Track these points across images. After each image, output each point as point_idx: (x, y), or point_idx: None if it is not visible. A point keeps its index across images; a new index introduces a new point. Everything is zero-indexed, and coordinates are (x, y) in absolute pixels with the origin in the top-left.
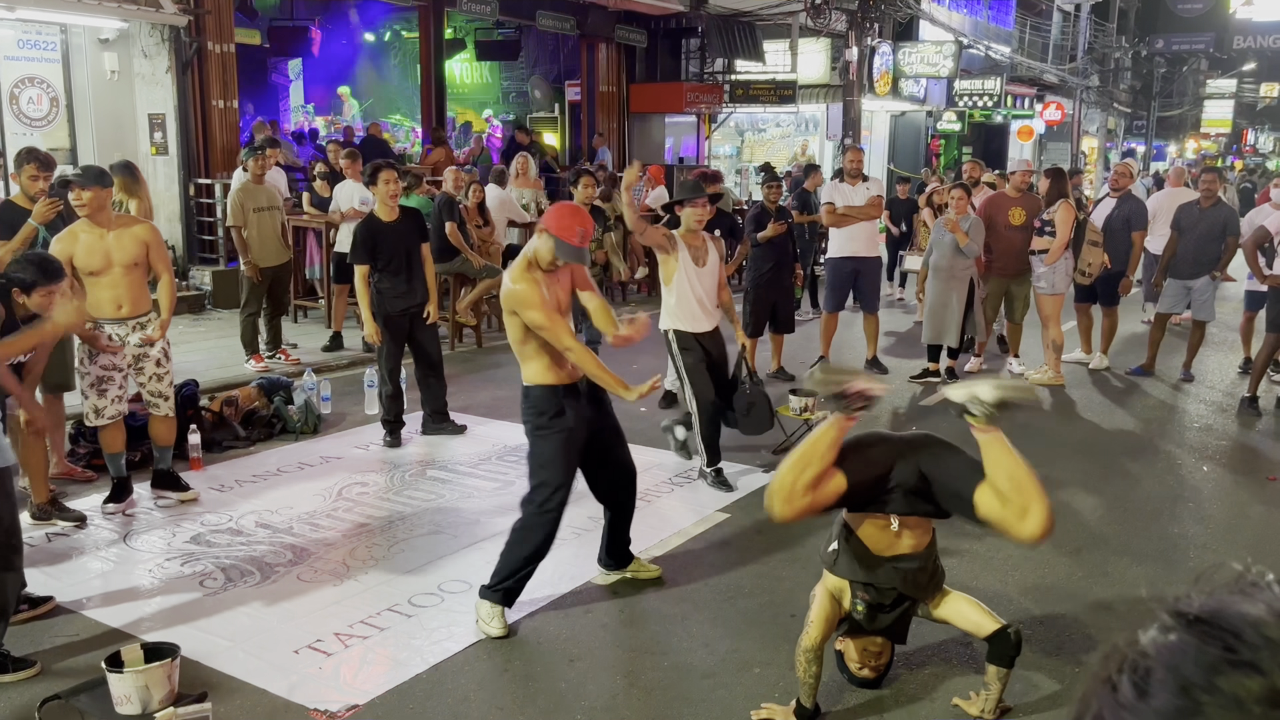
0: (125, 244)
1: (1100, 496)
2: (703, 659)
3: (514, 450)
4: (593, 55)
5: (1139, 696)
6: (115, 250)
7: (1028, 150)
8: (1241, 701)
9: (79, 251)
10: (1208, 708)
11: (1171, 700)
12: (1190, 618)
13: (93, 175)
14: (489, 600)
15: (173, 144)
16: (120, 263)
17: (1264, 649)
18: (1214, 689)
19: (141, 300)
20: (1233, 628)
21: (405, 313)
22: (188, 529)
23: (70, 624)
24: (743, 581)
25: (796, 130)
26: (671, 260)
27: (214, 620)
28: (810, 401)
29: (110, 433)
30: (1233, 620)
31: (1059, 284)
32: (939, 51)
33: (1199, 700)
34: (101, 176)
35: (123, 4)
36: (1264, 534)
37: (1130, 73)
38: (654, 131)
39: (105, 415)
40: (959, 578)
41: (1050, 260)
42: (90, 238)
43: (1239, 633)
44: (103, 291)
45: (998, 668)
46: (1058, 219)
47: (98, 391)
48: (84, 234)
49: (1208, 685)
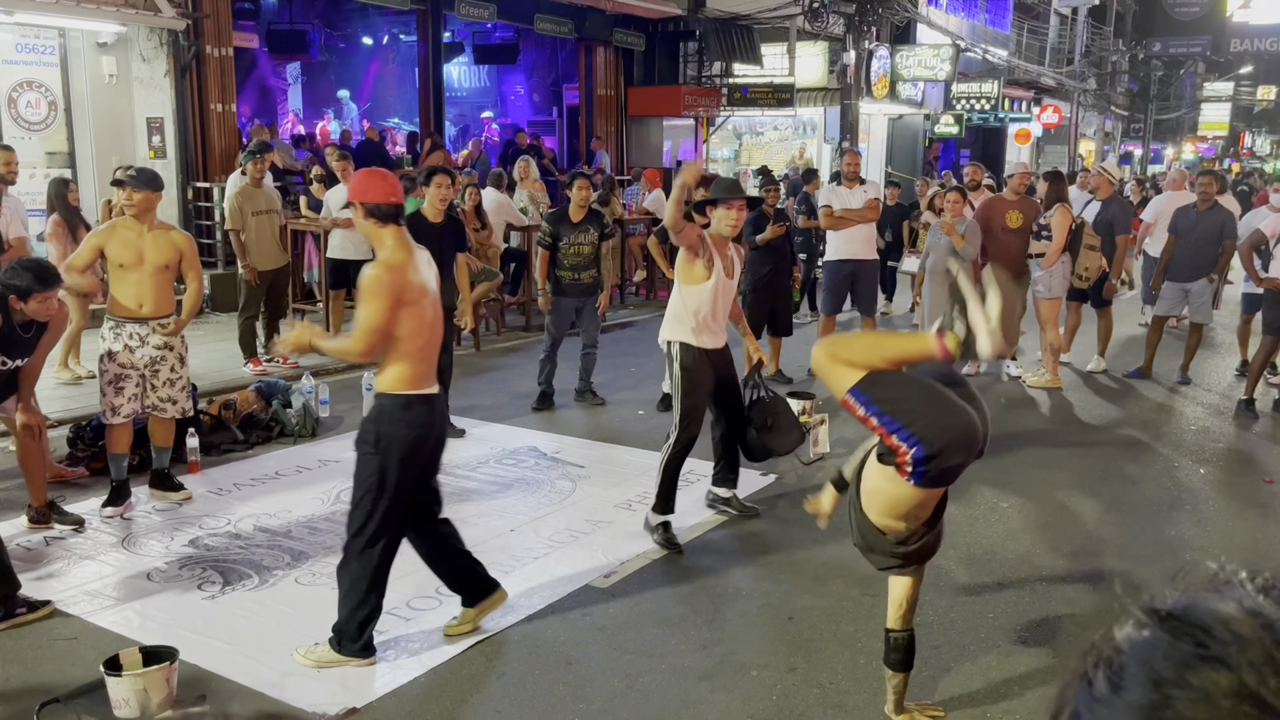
0: (161, 246)
1: (1097, 499)
2: (700, 661)
3: (512, 453)
4: (591, 58)
5: (1112, 691)
6: (149, 249)
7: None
8: (1211, 696)
9: (114, 243)
10: (1178, 702)
11: (1143, 694)
12: (1163, 614)
13: (146, 179)
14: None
15: (171, 148)
16: (152, 262)
17: (1233, 645)
18: (1184, 684)
19: (165, 303)
20: (1203, 624)
21: None
22: (186, 533)
23: (68, 627)
24: (740, 584)
25: (795, 133)
26: (700, 265)
27: (212, 624)
28: (808, 405)
29: (119, 432)
30: (1204, 617)
31: (1056, 288)
32: (936, 55)
33: (1170, 694)
34: (154, 181)
35: (121, 8)
36: (1261, 536)
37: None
38: (652, 135)
39: (121, 414)
40: (958, 579)
41: (1047, 264)
42: (129, 234)
43: (1209, 629)
44: (128, 287)
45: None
46: (1054, 223)
47: (115, 389)
48: (123, 229)
49: (1178, 680)
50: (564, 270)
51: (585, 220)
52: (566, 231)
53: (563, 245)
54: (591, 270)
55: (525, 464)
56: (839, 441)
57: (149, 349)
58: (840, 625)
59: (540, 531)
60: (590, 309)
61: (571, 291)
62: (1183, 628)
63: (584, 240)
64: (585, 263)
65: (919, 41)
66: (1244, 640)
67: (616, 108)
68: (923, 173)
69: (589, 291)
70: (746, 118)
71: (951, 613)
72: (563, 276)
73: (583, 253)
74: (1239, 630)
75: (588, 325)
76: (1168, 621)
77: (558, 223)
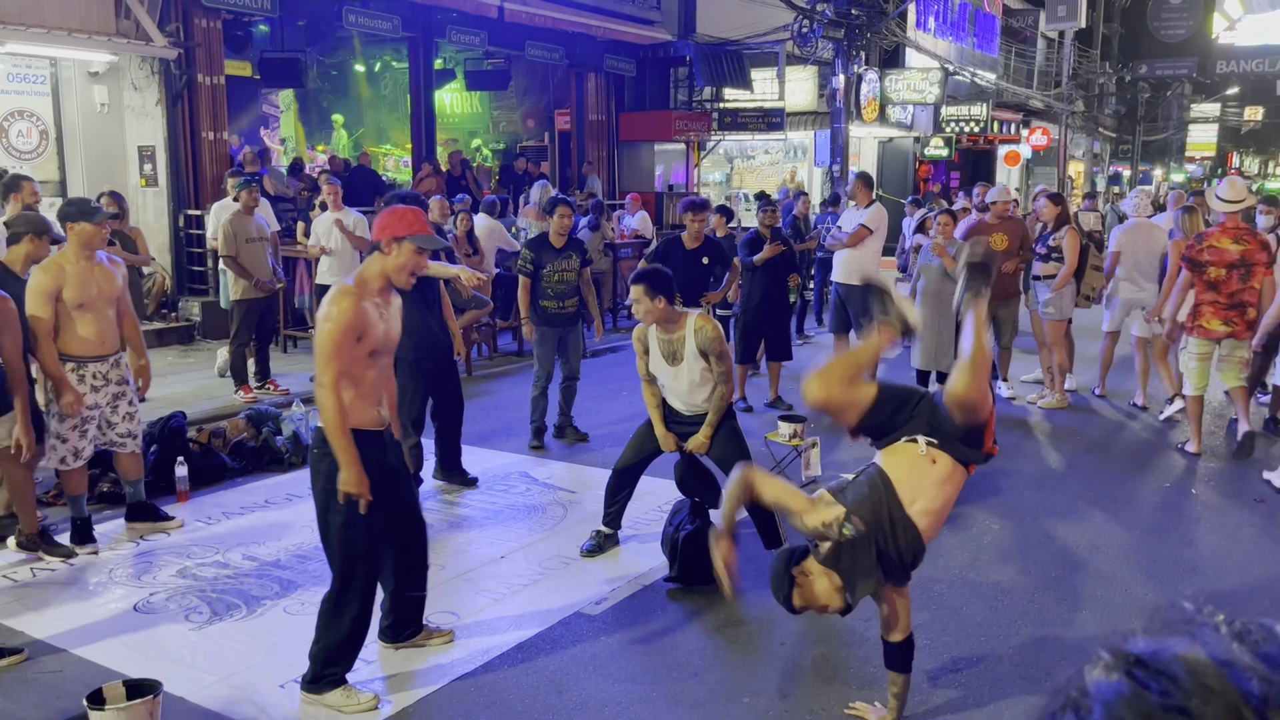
0: (109, 277)
1: (1088, 521)
2: (692, 689)
3: (503, 479)
4: (582, 84)
5: None
6: (102, 284)
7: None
8: None
9: (68, 284)
10: None
11: None
12: (1131, 659)
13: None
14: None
15: (162, 176)
16: (106, 296)
17: (1195, 695)
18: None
19: (117, 337)
20: (1169, 671)
21: (430, 356)
22: (173, 562)
23: (53, 660)
24: (731, 611)
25: (785, 157)
26: (643, 363)
27: (199, 655)
28: (799, 428)
29: (79, 475)
30: (1169, 664)
31: (1065, 309)
32: (925, 78)
33: None
34: (97, 212)
35: (113, 37)
36: (1252, 557)
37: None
38: (643, 159)
39: (83, 456)
40: (949, 602)
41: (1058, 286)
42: (77, 270)
43: (1174, 677)
44: (88, 326)
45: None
46: (1066, 246)
47: (79, 433)
48: (69, 266)
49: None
50: (548, 300)
51: (567, 247)
52: (549, 258)
53: (545, 272)
54: (575, 298)
55: (516, 489)
56: (830, 464)
57: (111, 386)
58: (833, 652)
59: (531, 558)
60: (574, 339)
61: (556, 321)
62: (1149, 675)
63: (567, 267)
64: (569, 290)
65: (908, 65)
66: (1208, 691)
67: (608, 133)
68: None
69: (573, 320)
70: (737, 142)
71: (944, 636)
72: (547, 306)
73: (566, 280)
74: (1205, 680)
75: (570, 356)
76: (1135, 666)
77: (539, 249)
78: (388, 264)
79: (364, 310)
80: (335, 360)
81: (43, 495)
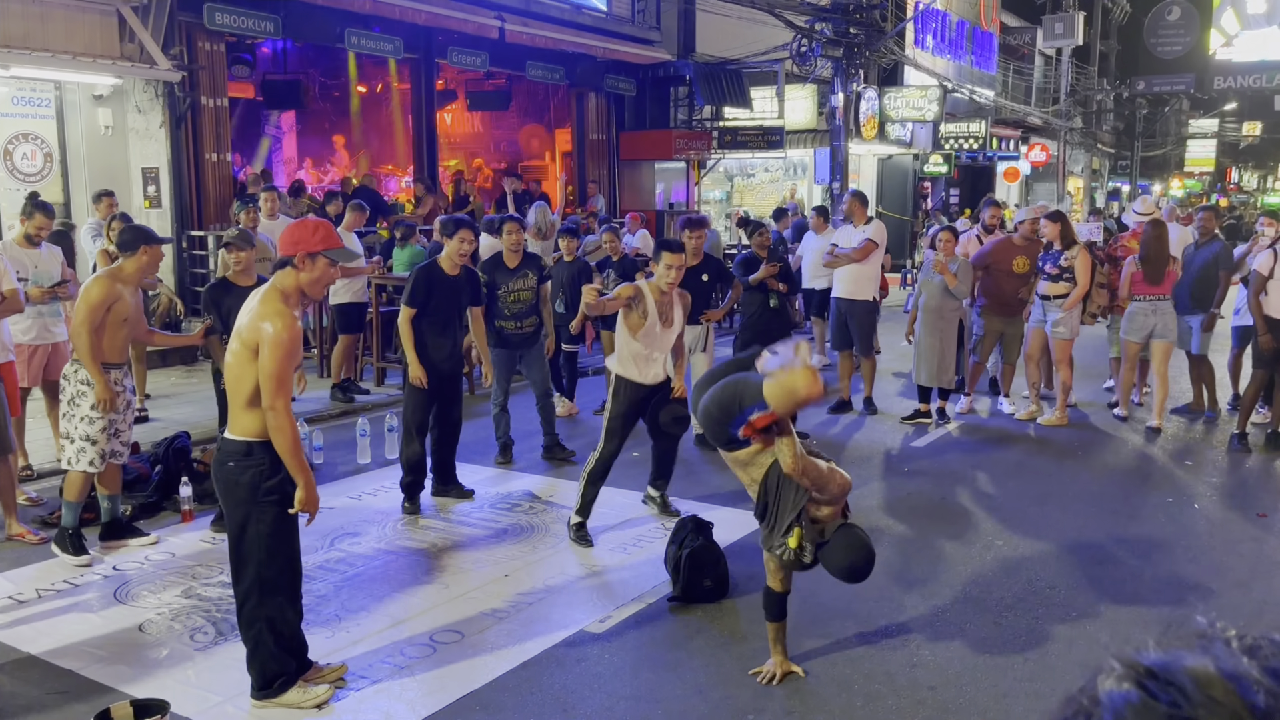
0: (138, 295)
1: (1092, 536)
2: (696, 706)
3: (506, 497)
4: (582, 104)
5: None
6: (133, 301)
7: (1015, 191)
8: None
9: (120, 300)
10: None
11: None
12: (1142, 670)
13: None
14: None
15: (166, 197)
16: (137, 311)
17: (1203, 707)
18: None
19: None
20: (1178, 683)
21: (435, 372)
22: (179, 583)
23: (59, 680)
24: (735, 627)
25: (785, 174)
26: (635, 315)
27: (205, 675)
28: None
29: (115, 472)
30: (1179, 676)
31: (1075, 328)
32: (924, 96)
33: None
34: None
35: (117, 61)
36: (1255, 571)
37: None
38: (644, 178)
39: (119, 457)
40: (955, 618)
41: (1069, 306)
42: (124, 289)
43: (1184, 688)
44: (118, 340)
45: None
46: (1078, 266)
47: (108, 435)
48: (120, 284)
49: None
50: (504, 320)
51: (522, 265)
52: (503, 278)
53: (500, 293)
54: (533, 317)
55: (520, 508)
56: None
57: (125, 394)
58: (836, 667)
59: (535, 576)
60: (536, 356)
61: (514, 342)
62: (1159, 686)
63: (523, 286)
64: (526, 309)
65: (906, 83)
66: (1215, 703)
67: (608, 152)
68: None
69: (532, 340)
70: (737, 160)
71: (947, 651)
72: (504, 326)
73: (523, 299)
74: (1212, 693)
75: (535, 375)
76: (1146, 678)
77: (492, 270)
78: (302, 278)
79: (297, 329)
80: (284, 385)
81: (47, 517)
